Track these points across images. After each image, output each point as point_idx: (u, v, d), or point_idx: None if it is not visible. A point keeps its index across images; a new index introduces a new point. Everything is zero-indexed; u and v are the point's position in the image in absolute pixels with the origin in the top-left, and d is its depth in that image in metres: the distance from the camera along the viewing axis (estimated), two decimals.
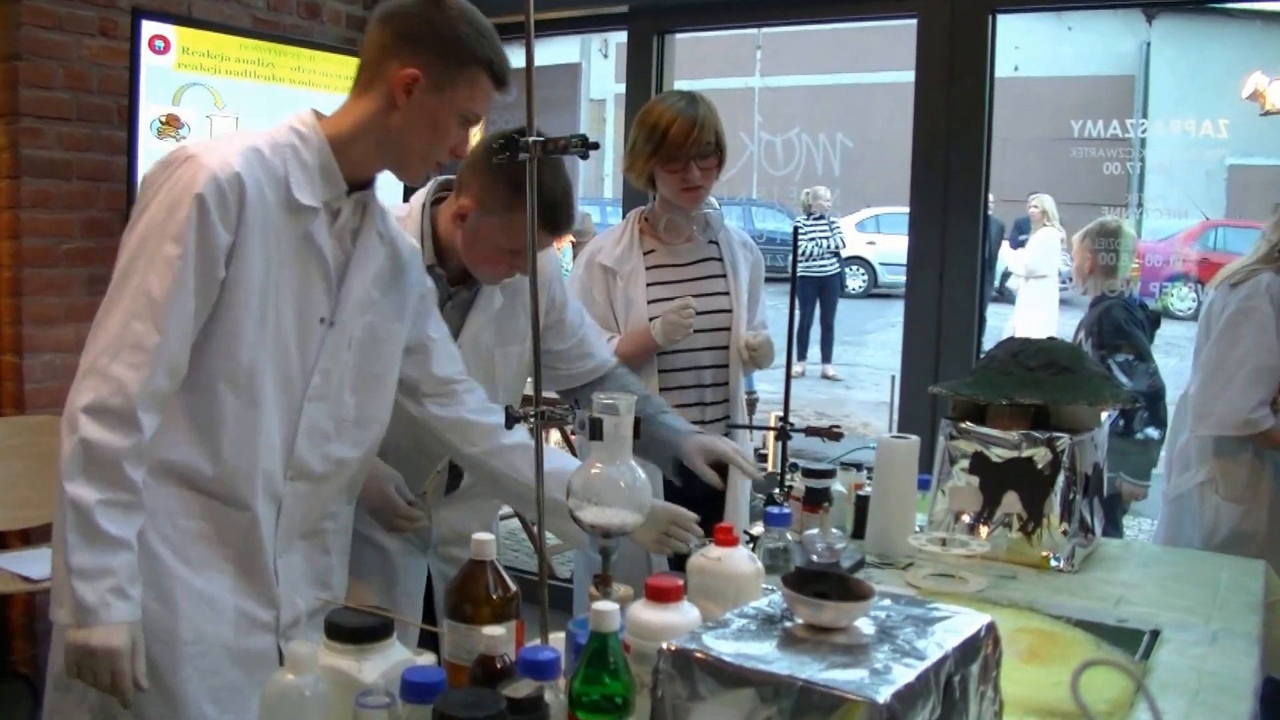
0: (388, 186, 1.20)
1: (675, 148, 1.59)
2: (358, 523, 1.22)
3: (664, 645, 0.70)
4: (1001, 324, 5.88)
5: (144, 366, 0.94)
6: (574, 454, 2.28)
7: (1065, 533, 1.31)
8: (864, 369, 6.47)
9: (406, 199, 1.40)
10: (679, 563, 1.15)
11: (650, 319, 1.64)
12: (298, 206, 1.01)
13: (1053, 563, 1.31)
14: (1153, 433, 2.38)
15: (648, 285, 1.68)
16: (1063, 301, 6.63)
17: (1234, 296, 1.68)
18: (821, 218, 6.25)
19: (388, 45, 1.02)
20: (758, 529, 1.34)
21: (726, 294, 1.72)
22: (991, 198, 2.41)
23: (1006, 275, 6.44)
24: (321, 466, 1.07)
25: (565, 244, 4.70)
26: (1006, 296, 6.30)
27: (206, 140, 1.04)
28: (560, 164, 1.25)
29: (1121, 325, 2.49)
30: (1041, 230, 5.96)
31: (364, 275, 1.08)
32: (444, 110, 1.03)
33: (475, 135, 1.17)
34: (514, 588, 0.85)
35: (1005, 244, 6.29)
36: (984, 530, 1.33)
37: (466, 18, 1.03)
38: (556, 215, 1.24)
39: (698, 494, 1.72)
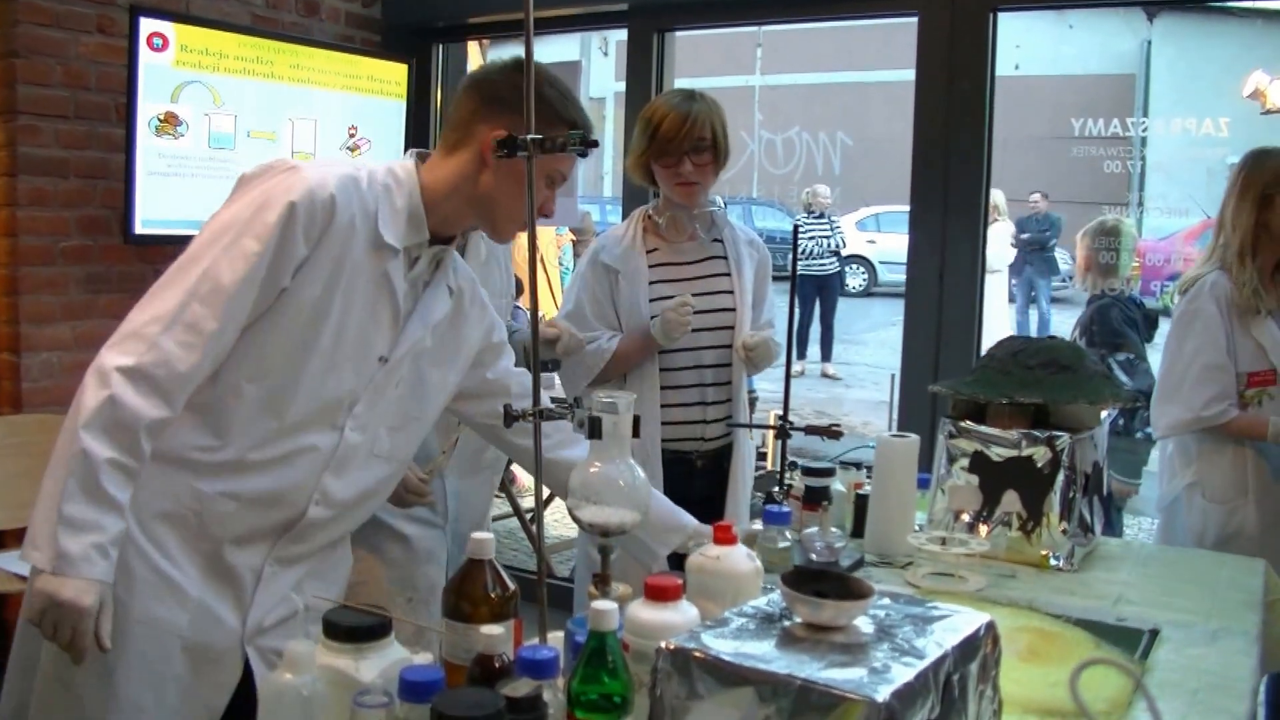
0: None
1: (667, 142, 1.60)
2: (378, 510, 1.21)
3: (663, 644, 0.70)
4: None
5: (195, 349, 0.95)
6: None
7: (1065, 532, 1.31)
8: (863, 368, 6.47)
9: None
10: (678, 562, 1.14)
11: (651, 318, 1.64)
12: (380, 244, 1.04)
13: (1052, 562, 1.31)
14: (1152, 431, 2.39)
15: (650, 284, 1.68)
16: (1058, 300, 6.63)
17: (1182, 301, 1.74)
18: (822, 216, 6.25)
19: (477, 109, 1.07)
20: (757, 525, 1.34)
21: (730, 293, 1.71)
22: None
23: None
24: (345, 493, 1.08)
25: (566, 243, 4.69)
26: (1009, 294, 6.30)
27: (313, 159, 1.07)
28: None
29: (1114, 325, 2.51)
30: (991, 225, 6.02)
31: (424, 322, 1.10)
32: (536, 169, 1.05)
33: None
34: (512, 586, 0.85)
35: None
36: (983, 529, 1.33)
37: (550, 81, 1.07)
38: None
39: (695, 495, 1.73)
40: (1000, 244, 5.29)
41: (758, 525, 1.24)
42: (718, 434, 1.71)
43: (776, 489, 1.34)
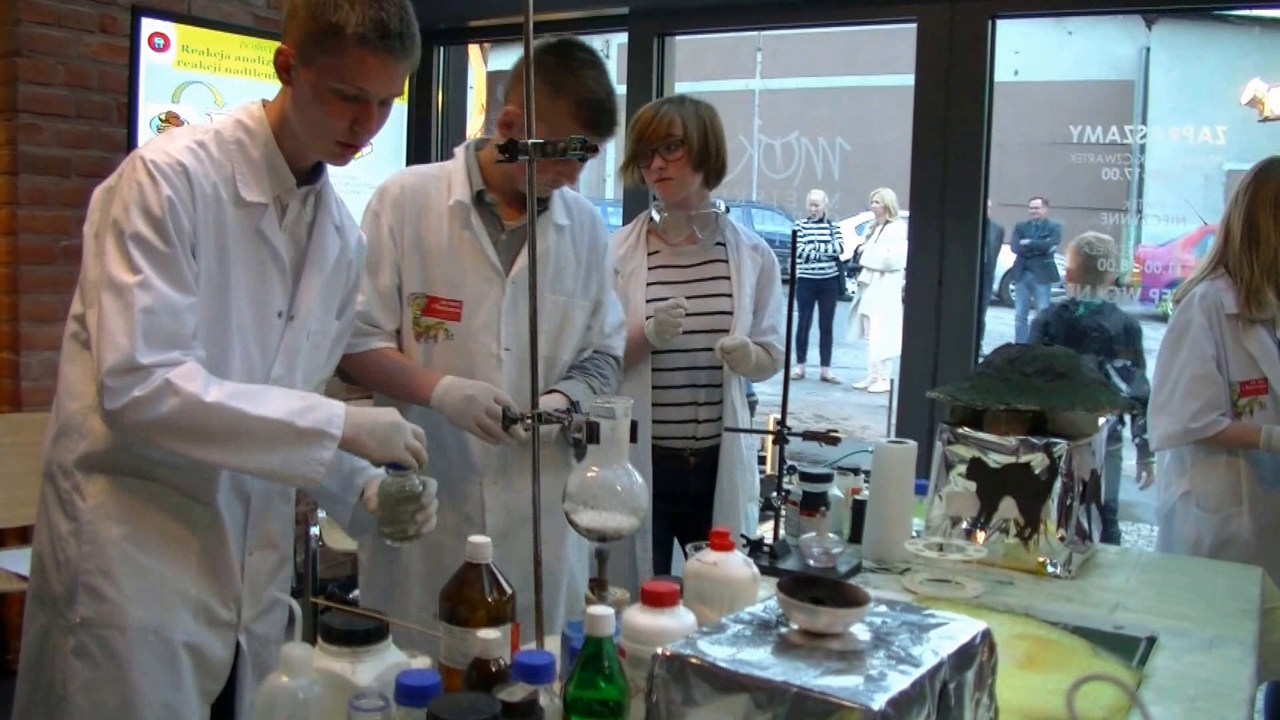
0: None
1: (638, 140, 1.67)
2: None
3: (659, 650, 0.70)
4: (1003, 328, 5.90)
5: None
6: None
7: (1062, 539, 1.31)
8: (862, 372, 6.47)
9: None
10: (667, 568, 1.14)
11: (646, 318, 1.66)
12: (244, 202, 1.02)
13: (1049, 569, 1.31)
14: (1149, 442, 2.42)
15: (648, 285, 1.70)
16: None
17: (1174, 312, 1.75)
18: (821, 221, 6.26)
19: (285, 33, 1.03)
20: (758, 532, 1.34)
21: (728, 296, 1.72)
22: (991, 202, 2.42)
23: (856, 269, 6.58)
24: None
25: None
26: (1006, 300, 6.32)
27: (154, 139, 1.07)
28: (604, 68, 1.26)
29: (1069, 328, 2.58)
30: (888, 226, 6.13)
31: (321, 268, 1.09)
32: (318, 84, 1.02)
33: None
34: (509, 590, 0.85)
35: (1005, 247, 6.31)
36: (981, 536, 1.33)
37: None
38: (596, 113, 1.24)
39: (689, 490, 1.73)
40: (901, 244, 5.38)
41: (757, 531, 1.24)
42: (711, 433, 1.72)
43: (775, 494, 1.34)
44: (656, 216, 1.75)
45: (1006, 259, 6.37)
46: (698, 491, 1.71)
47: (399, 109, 2.71)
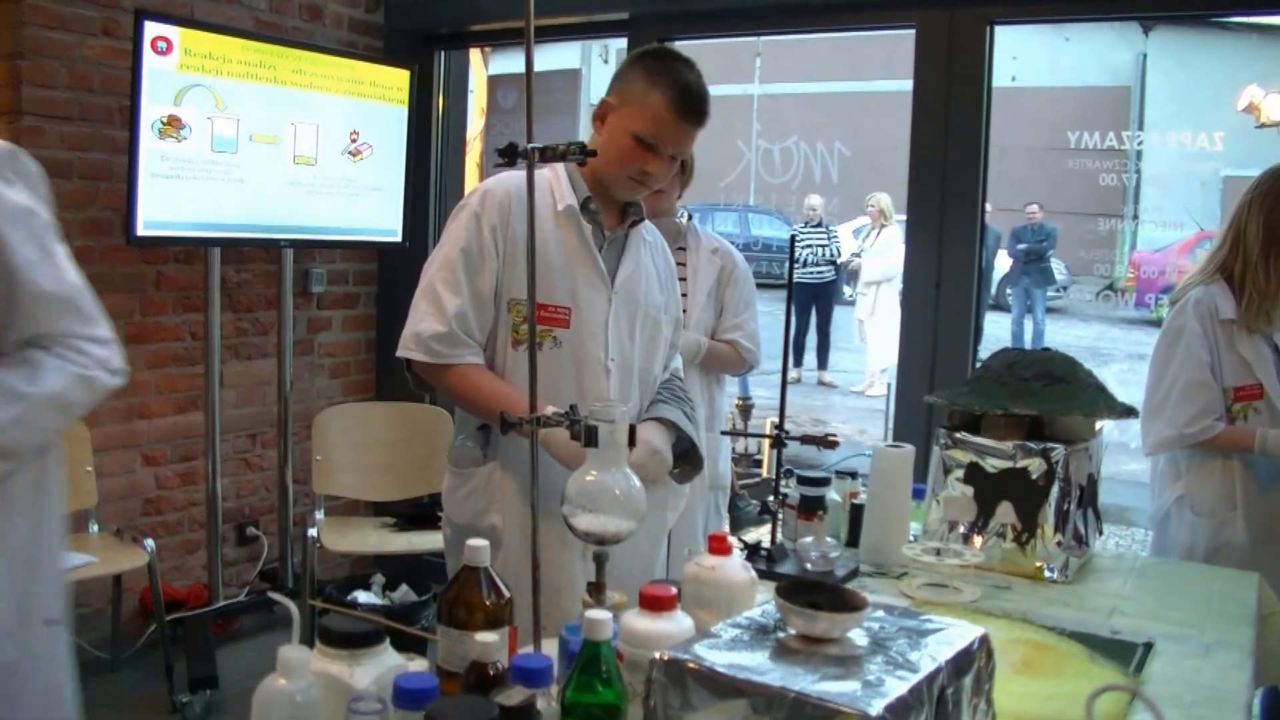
0: None
1: None
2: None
3: (657, 654, 0.70)
4: (1000, 332, 5.91)
5: None
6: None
7: (1059, 544, 1.31)
8: (859, 376, 6.48)
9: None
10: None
11: None
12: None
13: (1046, 574, 1.31)
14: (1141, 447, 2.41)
15: None
16: (1053, 310, 6.66)
17: (1167, 317, 1.74)
18: (819, 225, 6.28)
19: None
20: (751, 536, 1.34)
21: (685, 295, 1.81)
22: (989, 206, 2.43)
23: (852, 277, 6.59)
24: None
25: None
26: (1003, 305, 6.33)
27: None
28: (696, 67, 1.28)
29: None
30: (884, 231, 6.14)
31: None
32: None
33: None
34: (507, 593, 0.85)
35: (1002, 252, 6.32)
36: (978, 540, 1.33)
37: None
38: (690, 98, 1.25)
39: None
40: (896, 250, 5.39)
41: (752, 535, 1.24)
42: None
43: (771, 498, 1.34)
44: None
45: (1003, 263, 6.39)
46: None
47: (400, 112, 2.72)
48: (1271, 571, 1.44)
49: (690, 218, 1.97)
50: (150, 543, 2.29)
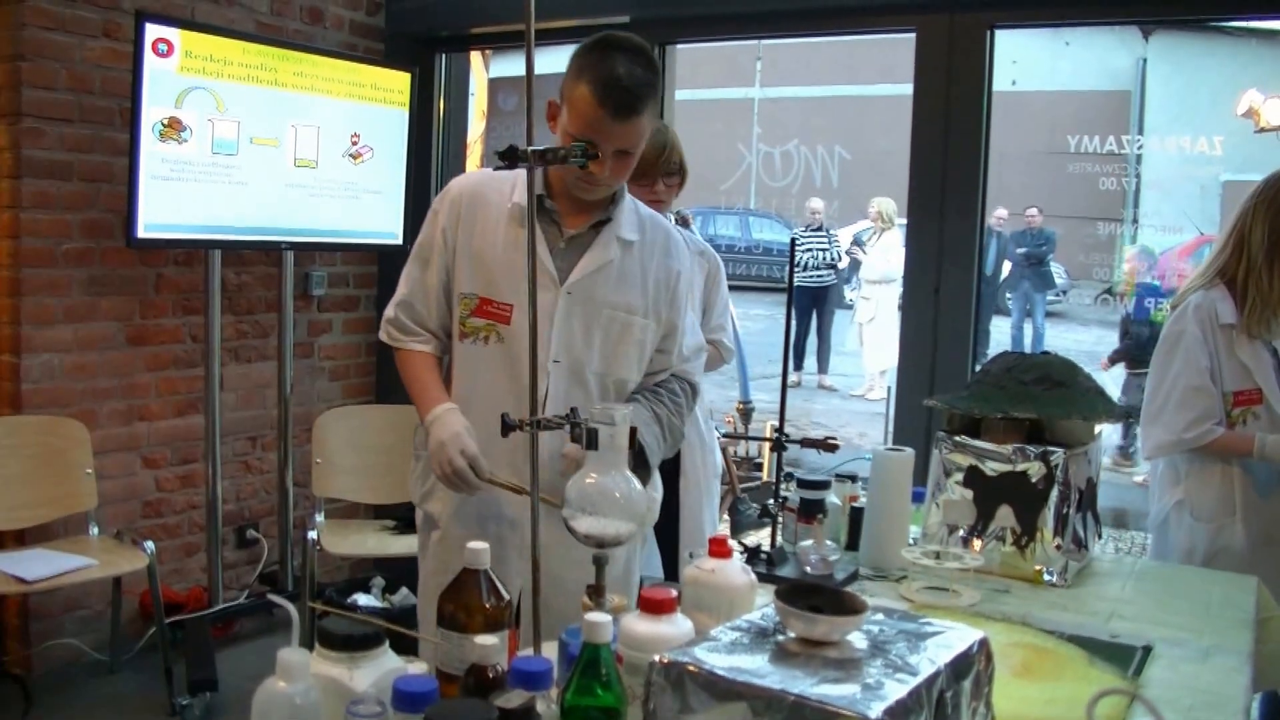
0: None
1: (645, 163, 1.74)
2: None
3: (656, 657, 0.70)
4: (999, 336, 5.91)
5: None
6: None
7: (1058, 547, 1.31)
8: (859, 379, 6.48)
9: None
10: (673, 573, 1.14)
11: None
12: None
13: (1046, 577, 1.31)
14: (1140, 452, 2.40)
15: None
16: (1053, 314, 6.66)
17: (1167, 321, 1.73)
18: (820, 229, 6.28)
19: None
20: (751, 539, 1.34)
21: None
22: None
23: (850, 280, 6.58)
24: None
25: None
26: (1003, 309, 6.33)
27: None
28: (644, 51, 1.23)
29: None
30: (885, 234, 6.16)
31: None
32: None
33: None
34: (507, 596, 0.85)
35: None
36: (977, 544, 1.33)
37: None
38: (613, 91, 1.19)
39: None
40: (897, 253, 5.40)
41: (752, 538, 1.24)
42: None
43: (771, 501, 1.34)
44: None
45: (1003, 267, 6.39)
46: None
47: (400, 115, 2.72)
48: (1270, 575, 1.44)
49: (687, 221, 2.00)
50: (150, 545, 2.29)
